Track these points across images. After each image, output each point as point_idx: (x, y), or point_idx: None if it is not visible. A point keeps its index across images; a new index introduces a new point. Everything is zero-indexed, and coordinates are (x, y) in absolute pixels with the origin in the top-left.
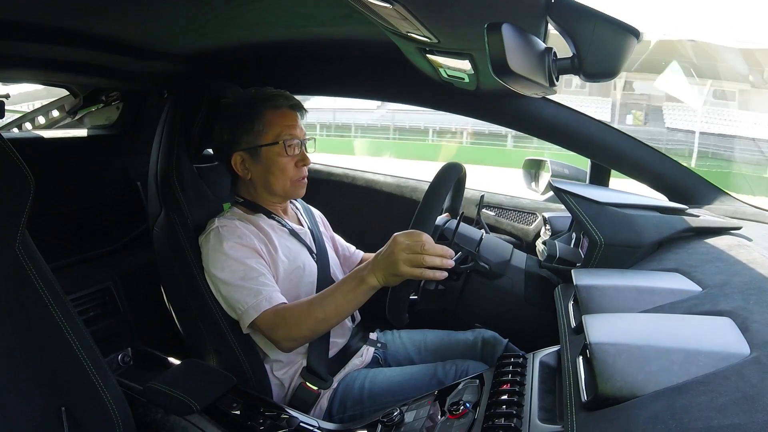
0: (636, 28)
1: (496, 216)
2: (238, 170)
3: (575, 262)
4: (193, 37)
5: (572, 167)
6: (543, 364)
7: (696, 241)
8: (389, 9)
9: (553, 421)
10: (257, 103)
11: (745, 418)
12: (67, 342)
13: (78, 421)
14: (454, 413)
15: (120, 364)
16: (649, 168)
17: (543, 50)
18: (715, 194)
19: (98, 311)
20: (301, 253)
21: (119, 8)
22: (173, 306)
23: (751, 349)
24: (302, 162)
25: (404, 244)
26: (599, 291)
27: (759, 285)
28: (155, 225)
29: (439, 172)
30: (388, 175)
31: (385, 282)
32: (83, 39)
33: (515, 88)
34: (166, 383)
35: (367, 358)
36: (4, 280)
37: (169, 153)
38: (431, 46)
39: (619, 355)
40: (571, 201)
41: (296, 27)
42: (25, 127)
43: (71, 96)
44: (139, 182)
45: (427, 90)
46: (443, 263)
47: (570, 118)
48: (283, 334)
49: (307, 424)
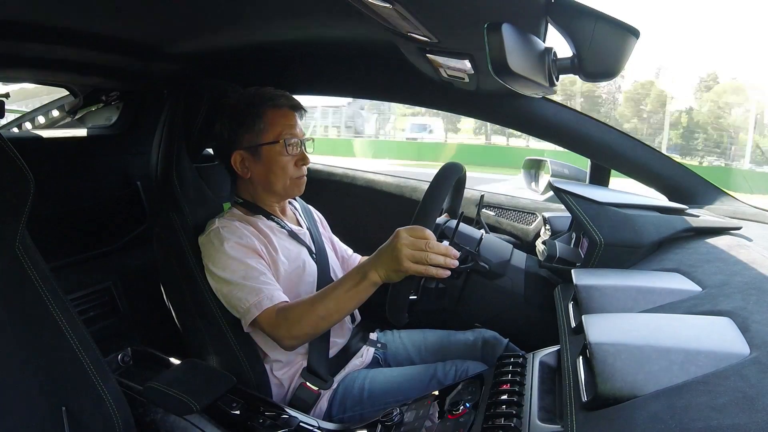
0: (636, 28)
1: (496, 216)
2: (238, 169)
3: (575, 262)
4: (193, 37)
5: (572, 167)
6: (543, 364)
7: (696, 241)
8: (389, 9)
9: (553, 421)
10: (259, 102)
11: (744, 418)
12: (67, 342)
13: (78, 420)
14: (454, 413)
15: (120, 364)
16: (649, 168)
17: (543, 50)
18: (715, 194)
19: (98, 311)
20: (301, 254)
21: (119, 8)
22: (173, 306)
23: (751, 349)
24: (302, 161)
25: (408, 239)
26: (599, 291)
27: (759, 285)
28: (155, 225)
29: (440, 170)
30: (388, 175)
31: (387, 278)
32: (83, 39)
33: (515, 88)
34: (166, 383)
35: (368, 358)
36: (4, 280)
37: (169, 153)
38: (431, 46)
39: (619, 355)
40: (571, 201)
41: (296, 27)
42: (25, 127)
43: (71, 96)
44: (139, 182)
45: (427, 90)
46: (447, 262)
47: (570, 118)
48: (284, 332)
49: (307, 424)
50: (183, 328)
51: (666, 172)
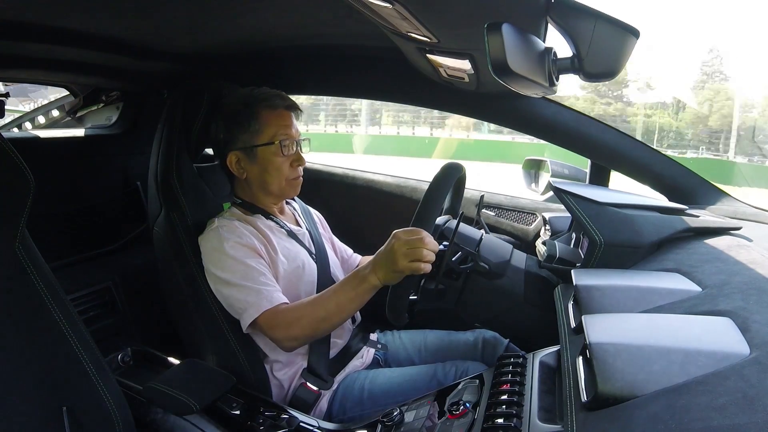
0: (636, 28)
1: (496, 216)
2: (234, 170)
3: (575, 262)
4: (193, 37)
5: (572, 167)
6: (543, 364)
7: (696, 241)
8: (389, 9)
9: (553, 421)
10: (253, 102)
11: (745, 418)
12: (67, 342)
13: (78, 421)
14: (454, 413)
15: (120, 364)
16: (649, 168)
17: (543, 50)
18: (716, 195)
19: (98, 311)
20: (300, 254)
21: (119, 8)
22: (173, 306)
23: (751, 349)
24: (297, 162)
25: (404, 239)
26: (599, 291)
27: (759, 285)
28: (155, 225)
29: (439, 171)
30: (389, 175)
31: (386, 280)
32: (83, 39)
33: (515, 88)
34: (166, 383)
35: (368, 359)
36: (4, 280)
37: (169, 153)
38: (431, 46)
39: (619, 355)
40: (571, 201)
41: (296, 27)
42: (25, 127)
43: (71, 96)
44: (139, 182)
45: (427, 90)
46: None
47: (570, 118)
48: (283, 334)
49: (307, 424)
50: (183, 328)
51: (666, 172)
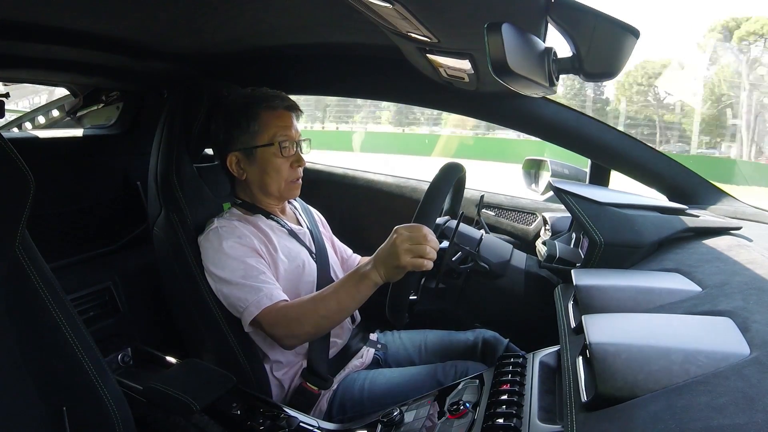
0: (636, 28)
1: (496, 216)
2: (233, 170)
3: (575, 262)
4: (193, 37)
5: (572, 167)
6: (543, 364)
7: (696, 241)
8: (389, 9)
9: (553, 421)
10: (253, 103)
11: (745, 418)
12: (67, 342)
13: (78, 421)
14: (454, 413)
15: (120, 364)
16: (649, 168)
17: (543, 50)
18: (716, 194)
19: (98, 311)
20: (301, 253)
21: (119, 8)
22: (173, 306)
23: (751, 349)
24: (297, 163)
25: (406, 235)
26: (599, 291)
27: (759, 285)
28: (155, 225)
29: (440, 170)
30: (389, 175)
31: (387, 276)
32: (83, 39)
33: (515, 88)
34: (166, 383)
35: (368, 359)
36: (4, 280)
37: (169, 153)
38: (431, 46)
39: (619, 355)
40: (571, 201)
41: (296, 27)
42: (25, 127)
43: (71, 96)
44: (139, 182)
45: (427, 90)
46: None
47: (570, 118)
48: (284, 332)
49: (307, 424)
50: (183, 328)
51: (666, 172)
